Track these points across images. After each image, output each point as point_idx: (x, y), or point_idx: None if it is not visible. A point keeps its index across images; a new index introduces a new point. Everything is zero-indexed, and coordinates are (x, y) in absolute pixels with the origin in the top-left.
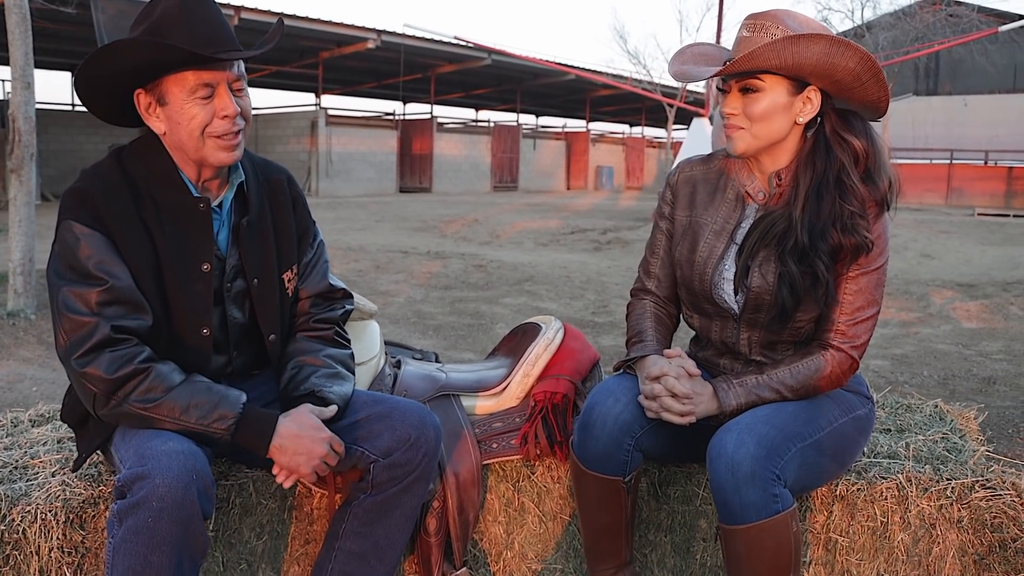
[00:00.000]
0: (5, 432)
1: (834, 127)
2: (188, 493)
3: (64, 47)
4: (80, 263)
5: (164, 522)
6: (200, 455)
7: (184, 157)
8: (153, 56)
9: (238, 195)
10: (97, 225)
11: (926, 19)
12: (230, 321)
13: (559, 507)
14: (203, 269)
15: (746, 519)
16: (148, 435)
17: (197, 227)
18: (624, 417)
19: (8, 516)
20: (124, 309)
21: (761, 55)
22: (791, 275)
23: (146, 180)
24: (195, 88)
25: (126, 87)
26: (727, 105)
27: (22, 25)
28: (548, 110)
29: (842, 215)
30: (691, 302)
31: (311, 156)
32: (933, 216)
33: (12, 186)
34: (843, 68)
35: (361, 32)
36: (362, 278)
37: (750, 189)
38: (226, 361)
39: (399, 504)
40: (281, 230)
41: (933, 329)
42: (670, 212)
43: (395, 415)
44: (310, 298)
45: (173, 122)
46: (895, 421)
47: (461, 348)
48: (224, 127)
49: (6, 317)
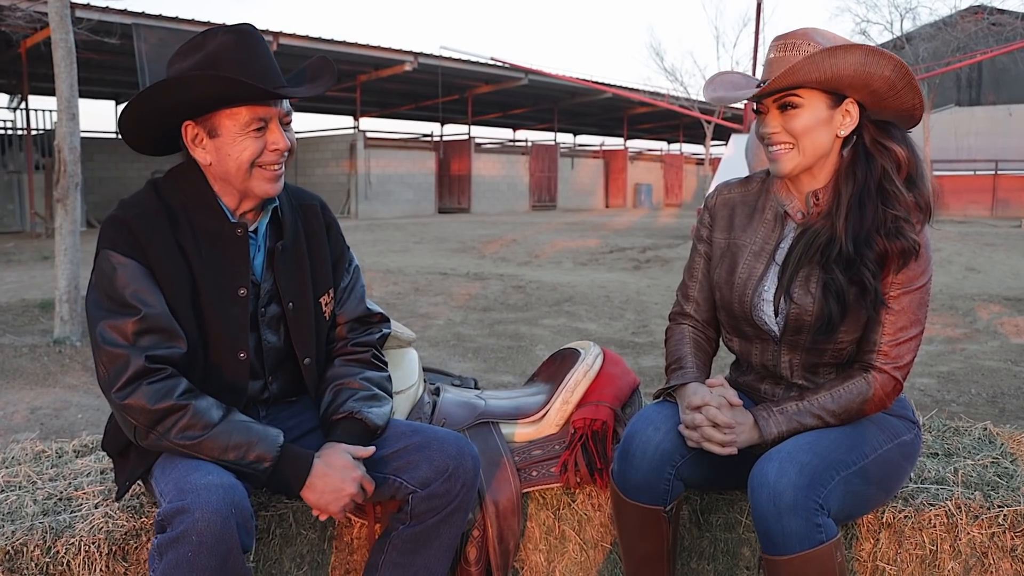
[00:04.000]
0: (51, 463)
1: (873, 136)
2: (227, 526)
3: (107, 76)
4: (116, 291)
5: (204, 556)
6: (239, 488)
7: (226, 187)
8: (220, 90)
9: (272, 220)
10: (133, 253)
11: (967, 29)
12: (265, 346)
13: (600, 535)
14: (240, 294)
15: (789, 550)
16: (188, 468)
17: (234, 252)
18: (664, 446)
19: (53, 548)
20: (159, 338)
21: (801, 69)
22: (837, 284)
23: (183, 208)
24: (249, 122)
25: (178, 118)
26: (767, 125)
27: (68, 58)
28: (585, 128)
29: (886, 221)
30: (731, 325)
31: (350, 178)
32: (978, 228)
33: (58, 215)
34: (879, 76)
35: (398, 55)
36: (401, 300)
37: (789, 208)
38: (262, 386)
39: (438, 535)
40: (316, 254)
41: (980, 345)
42: (708, 235)
43: (433, 446)
44: (348, 323)
45: (223, 154)
46: (943, 445)
47: (500, 371)
48: (273, 159)
49: (52, 344)
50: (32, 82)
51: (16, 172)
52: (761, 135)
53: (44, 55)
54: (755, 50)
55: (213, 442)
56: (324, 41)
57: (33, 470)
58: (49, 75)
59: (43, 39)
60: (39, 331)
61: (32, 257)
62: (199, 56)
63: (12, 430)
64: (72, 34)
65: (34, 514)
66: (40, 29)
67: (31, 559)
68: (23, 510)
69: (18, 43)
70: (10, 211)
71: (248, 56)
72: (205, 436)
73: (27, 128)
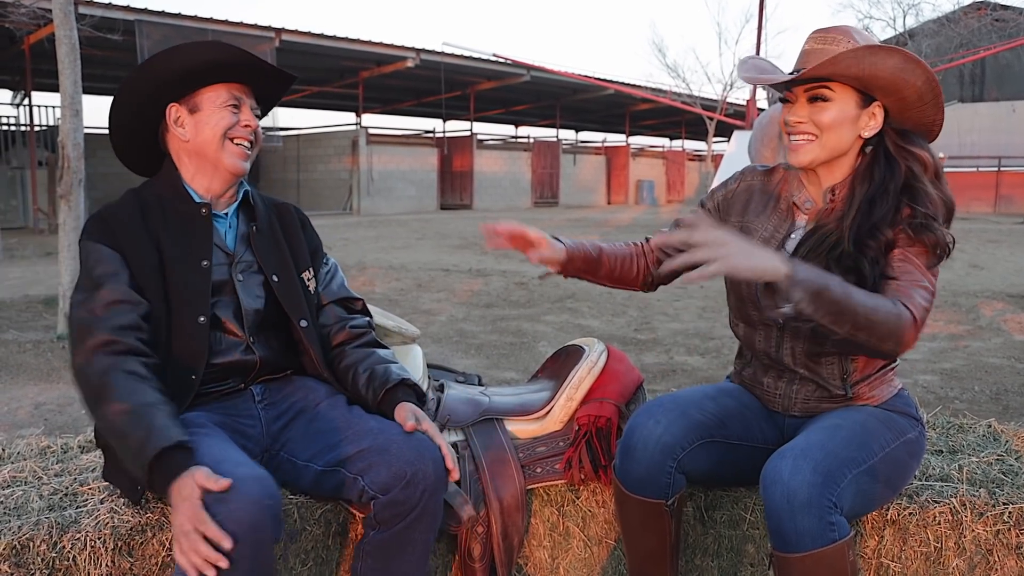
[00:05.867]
0: (56, 458)
1: (896, 142)
2: (263, 517)
3: (110, 73)
4: (89, 272)
5: (238, 545)
6: (271, 480)
7: (200, 164)
8: (212, 54)
9: (244, 206)
10: (104, 239)
11: (971, 24)
12: (244, 308)
13: (604, 531)
14: (202, 265)
15: (802, 548)
16: (214, 459)
17: (197, 229)
18: (665, 439)
19: (59, 543)
20: (123, 307)
21: (843, 61)
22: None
23: (158, 200)
24: (227, 99)
25: (163, 102)
26: (794, 114)
27: (71, 55)
28: (588, 125)
29: (917, 216)
30: (738, 308)
31: (352, 175)
32: (981, 225)
33: (61, 211)
34: (911, 85)
35: (400, 51)
36: (404, 297)
37: (797, 200)
38: (244, 347)
39: (409, 541)
40: (292, 240)
41: (983, 342)
42: (721, 215)
43: (392, 449)
44: (333, 303)
45: (201, 125)
46: (947, 442)
47: (503, 367)
48: (244, 134)
49: (56, 340)
50: (35, 78)
51: (19, 168)
52: (785, 121)
53: (47, 51)
54: (757, 47)
55: (118, 424)
56: (326, 37)
57: (38, 465)
58: (52, 71)
59: (46, 35)
60: (43, 327)
61: (35, 253)
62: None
63: (16, 425)
64: (76, 31)
65: (40, 509)
66: (43, 25)
67: (37, 554)
68: (29, 505)
69: (21, 39)
70: (13, 207)
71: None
72: (116, 416)
73: (30, 124)
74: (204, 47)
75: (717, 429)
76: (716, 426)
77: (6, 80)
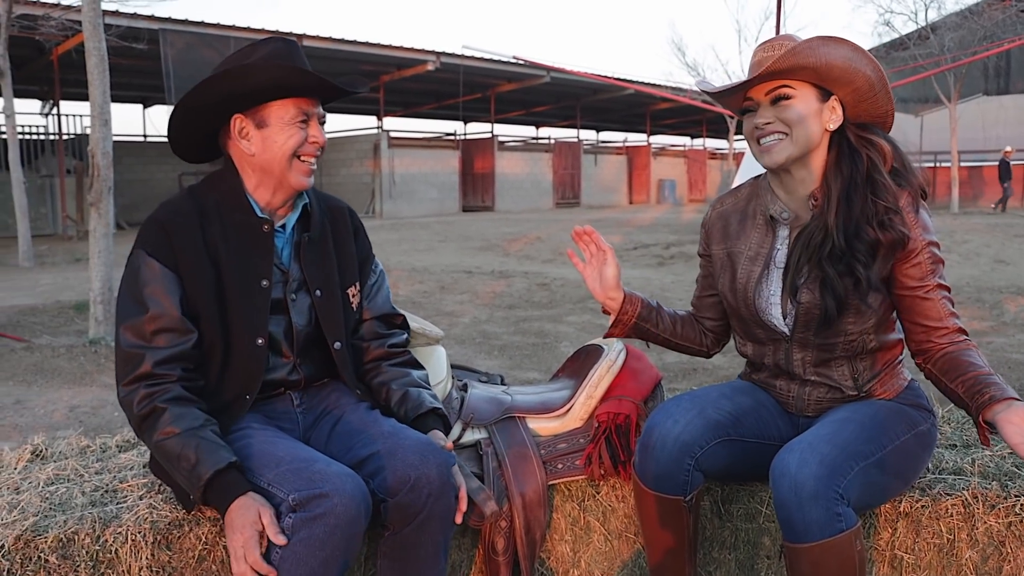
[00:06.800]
0: (96, 457)
1: (856, 132)
2: (359, 511)
3: (135, 81)
4: (136, 288)
5: (336, 536)
6: (359, 477)
7: (264, 178)
8: (283, 77)
9: (301, 216)
10: (160, 254)
11: (995, 16)
12: (295, 329)
13: (624, 526)
14: (262, 285)
15: (810, 538)
16: (304, 460)
17: (259, 246)
18: (684, 438)
19: (102, 537)
20: (171, 336)
21: (800, 51)
22: (831, 279)
23: (216, 206)
24: (296, 115)
25: (228, 112)
26: (760, 116)
27: (100, 66)
28: (608, 125)
29: (876, 212)
30: (743, 330)
31: (374, 178)
32: (1007, 220)
33: (91, 218)
34: (862, 75)
35: (421, 55)
36: (427, 299)
37: (773, 212)
38: (291, 367)
39: (420, 543)
40: (342, 251)
41: (1007, 338)
42: (706, 250)
43: (398, 454)
44: (374, 319)
45: (269, 142)
46: (961, 436)
47: (526, 367)
48: (312, 151)
49: (88, 344)
50: (63, 87)
51: (48, 176)
52: (753, 127)
53: (75, 61)
54: None
55: (169, 448)
56: (347, 42)
57: (80, 463)
58: (79, 80)
59: (74, 46)
60: (74, 332)
61: (65, 259)
62: (253, 59)
63: (53, 427)
64: (104, 42)
65: (83, 505)
66: (71, 36)
67: (82, 547)
68: (72, 501)
69: (50, 50)
70: (43, 214)
71: (297, 58)
72: (165, 440)
73: (59, 133)
74: (277, 70)
75: (733, 428)
76: (732, 425)
77: (35, 90)
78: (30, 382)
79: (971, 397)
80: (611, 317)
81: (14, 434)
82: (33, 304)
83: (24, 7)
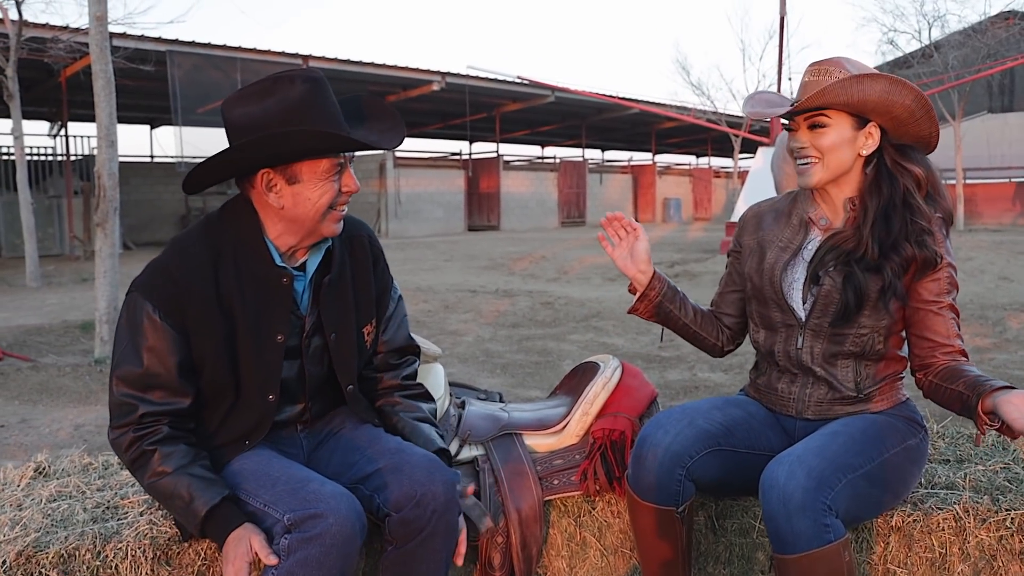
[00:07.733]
0: (97, 474)
1: (894, 158)
2: (355, 531)
3: (142, 102)
4: (136, 340)
5: (332, 556)
6: (353, 497)
7: (288, 228)
8: (319, 145)
9: (324, 257)
10: (166, 308)
11: (998, 35)
12: (308, 375)
13: (620, 541)
14: (277, 340)
15: (798, 548)
16: (299, 480)
17: (276, 299)
18: (674, 447)
19: (103, 552)
20: (163, 393)
21: (831, 92)
22: (858, 279)
23: (232, 248)
24: (329, 169)
25: (254, 168)
26: (796, 140)
27: (107, 88)
28: (613, 144)
29: (914, 231)
30: (760, 314)
31: (380, 198)
32: (1012, 237)
33: (97, 239)
34: (900, 104)
35: (426, 75)
36: (431, 318)
37: (813, 216)
38: (303, 409)
39: (423, 559)
40: (361, 287)
41: (1009, 355)
42: (737, 244)
43: (404, 470)
44: (389, 352)
45: (301, 199)
46: (954, 451)
47: (528, 386)
48: (344, 200)
49: (93, 364)
50: (71, 109)
51: (56, 197)
52: (791, 148)
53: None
54: (779, 63)
55: (162, 488)
56: (353, 63)
57: (82, 481)
58: (87, 102)
59: (82, 68)
60: (80, 351)
61: (71, 280)
62: (277, 105)
63: (58, 445)
64: (111, 64)
65: (84, 521)
66: (79, 58)
67: (83, 562)
68: (74, 517)
69: (58, 72)
70: (50, 235)
71: (326, 104)
72: (158, 481)
73: (66, 154)
74: (319, 140)
75: (724, 438)
76: (723, 435)
77: (44, 112)
78: (35, 401)
79: (972, 388)
80: (638, 292)
81: (19, 452)
82: (39, 324)
83: (33, 30)
